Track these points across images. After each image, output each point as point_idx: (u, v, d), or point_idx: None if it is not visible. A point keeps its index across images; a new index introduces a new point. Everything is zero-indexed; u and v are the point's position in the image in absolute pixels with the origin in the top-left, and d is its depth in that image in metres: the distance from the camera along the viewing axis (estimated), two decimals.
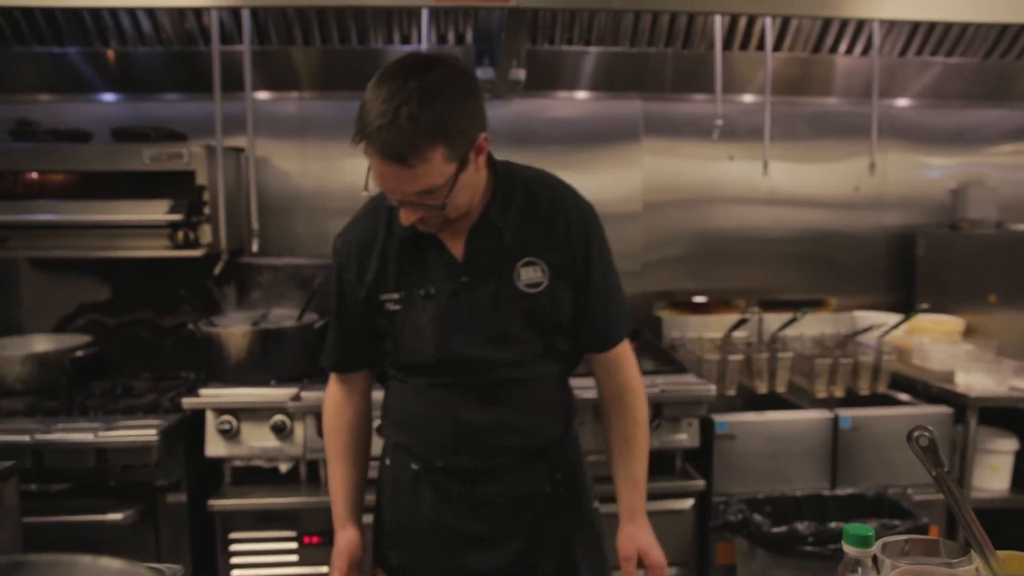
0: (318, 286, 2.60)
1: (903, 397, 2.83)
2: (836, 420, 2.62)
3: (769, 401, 2.80)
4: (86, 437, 2.24)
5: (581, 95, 3.29)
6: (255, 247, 2.94)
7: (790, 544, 2.16)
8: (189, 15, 2.85)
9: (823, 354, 2.88)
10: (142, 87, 3.09)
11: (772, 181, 3.28)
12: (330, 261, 1.57)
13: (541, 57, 3.10)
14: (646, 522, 1.54)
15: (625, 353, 1.58)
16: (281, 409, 2.42)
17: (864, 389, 2.84)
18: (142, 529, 2.36)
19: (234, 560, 2.39)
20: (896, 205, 3.46)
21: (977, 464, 2.72)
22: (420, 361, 1.48)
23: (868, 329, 3.03)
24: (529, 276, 1.45)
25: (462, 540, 1.53)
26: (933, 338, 3.04)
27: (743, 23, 3.05)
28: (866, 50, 3.17)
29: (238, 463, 2.46)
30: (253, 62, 2.86)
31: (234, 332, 2.54)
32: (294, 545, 2.41)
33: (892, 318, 3.06)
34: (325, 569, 1.79)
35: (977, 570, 1.00)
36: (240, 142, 2.95)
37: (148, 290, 3.09)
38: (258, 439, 2.43)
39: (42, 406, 2.48)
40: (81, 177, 2.79)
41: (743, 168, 3.34)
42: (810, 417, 2.63)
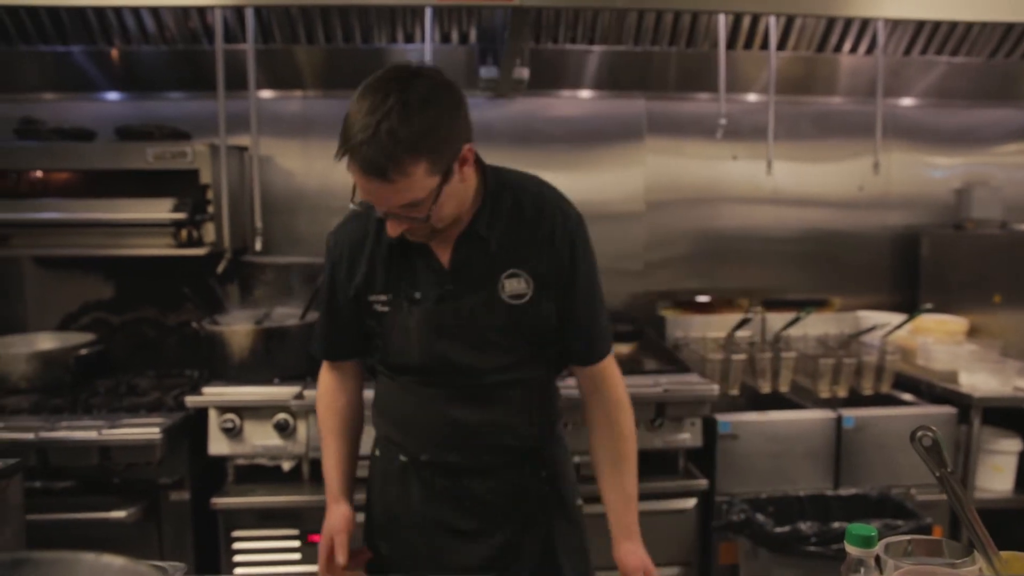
0: (321, 285, 2.60)
1: (907, 397, 2.82)
2: (839, 420, 2.61)
3: (772, 401, 2.79)
4: (90, 435, 2.25)
5: (584, 94, 3.29)
6: (258, 246, 2.96)
7: (793, 544, 2.16)
8: (193, 14, 2.86)
9: (827, 354, 2.88)
10: (146, 86, 3.10)
11: (776, 180, 3.28)
12: None
13: (545, 56, 3.10)
14: (640, 539, 1.55)
15: (610, 366, 1.58)
16: (284, 407, 2.42)
17: (868, 389, 2.83)
18: (145, 527, 2.36)
19: (237, 558, 2.40)
20: (900, 205, 3.46)
21: (981, 464, 2.71)
22: (408, 363, 1.50)
23: (872, 329, 3.02)
24: (513, 287, 1.46)
25: (449, 532, 1.54)
26: (937, 338, 3.03)
27: (747, 22, 3.05)
28: (870, 49, 3.16)
29: (241, 461, 2.47)
30: (257, 61, 2.87)
31: (237, 330, 2.55)
32: (297, 544, 2.41)
33: (896, 318, 3.06)
34: None
35: (980, 571, 0.99)
36: (244, 141, 2.96)
37: (152, 288, 3.10)
38: (261, 437, 2.43)
39: (46, 404, 2.48)
40: (85, 176, 2.79)
41: (747, 167, 3.33)
42: (813, 417, 2.63)
